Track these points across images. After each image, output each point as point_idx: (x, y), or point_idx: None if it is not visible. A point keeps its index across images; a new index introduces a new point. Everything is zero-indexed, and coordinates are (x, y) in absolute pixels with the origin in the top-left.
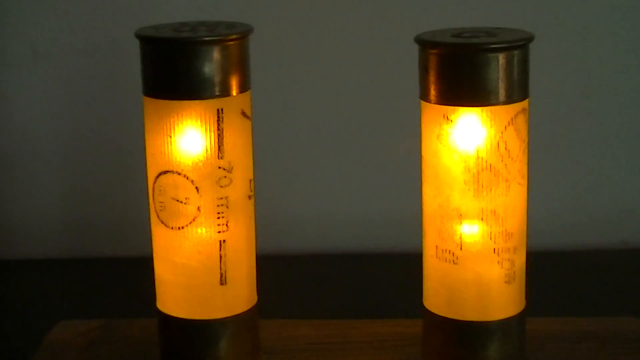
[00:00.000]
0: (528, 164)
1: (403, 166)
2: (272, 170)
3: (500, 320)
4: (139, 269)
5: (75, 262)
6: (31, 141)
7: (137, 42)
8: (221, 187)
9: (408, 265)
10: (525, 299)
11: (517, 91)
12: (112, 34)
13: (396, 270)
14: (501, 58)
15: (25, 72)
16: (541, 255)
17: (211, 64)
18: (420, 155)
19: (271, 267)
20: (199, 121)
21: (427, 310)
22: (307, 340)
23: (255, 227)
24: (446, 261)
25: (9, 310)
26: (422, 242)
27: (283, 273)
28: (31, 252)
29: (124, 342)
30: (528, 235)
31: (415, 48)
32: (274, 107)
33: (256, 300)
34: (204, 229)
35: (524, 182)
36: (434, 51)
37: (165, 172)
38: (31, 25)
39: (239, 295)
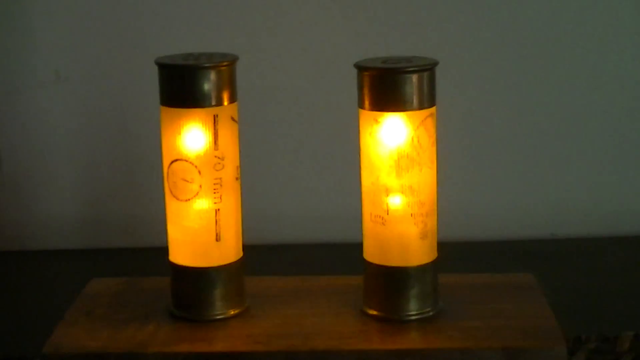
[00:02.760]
0: (437, 155)
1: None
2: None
3: (417, 265)
4: (147, 258)
5: (89, 252)
6: (53, 150)
7: (146, 66)
8: (216, 170)
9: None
10: (438, 252)
11: (426, 101)
12: (125, 60)
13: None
14: (414, 78)
15: (49, 93)
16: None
17: (209, 83)
18: (359, 148)
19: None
20: (201, 123)
21: (365, 260)
22: (279, 288)
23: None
24: (377, 223)
25: (30, 292)
26: (361, 210)
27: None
28: (51, 244)
29: (143, 291)
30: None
31: (354, 71)
32: (255, 114)
33: (242, 254)
34: (204, 201)
35: (433, 166)
36: (367, 73)
37: (176, 160)
38: (54, 52)
39: (229, 250)
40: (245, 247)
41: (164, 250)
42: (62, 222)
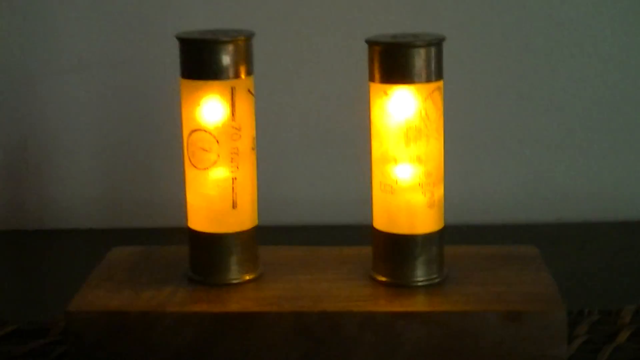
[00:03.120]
0: (444, 130)
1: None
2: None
3: (424, 233)
4: (164, 237)
5: (108, 231)
6: (74, 134)
7: (166, 53)
8: (233, 140)
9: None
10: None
11: (434, 74)
12: (146, 45)
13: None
14: (422, 51)
15: (70, 79)
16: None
17: (227, 57)
18: (370, 120)
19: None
20: (219, 95)
21: (375, 228)
22: (292, 257)
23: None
24: (386, 192)
25: (52, 266)
26: (371, 181)
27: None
28: (71, 223)
29: (162, 259)
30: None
31: (365, 46)
32: (270, 87)
33: (256, 222)
34: (221, 170)
35: (440, 137)
36: (377, 47)
37: (196, 130)
38: (77, 39)
39: (244, 217)
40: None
41: (180, 230)
42: (82, 203)
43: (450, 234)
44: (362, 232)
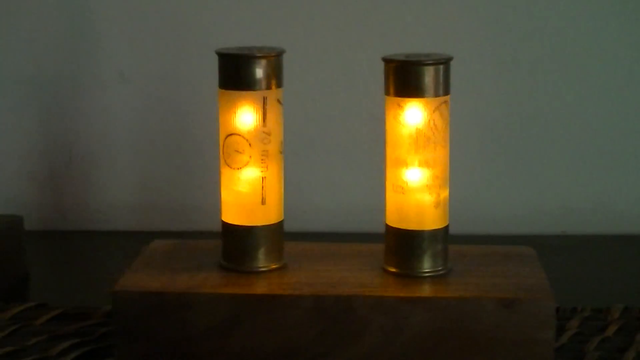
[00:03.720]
0: (451, 142)
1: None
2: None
3: (431, 230)
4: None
5: (145, 233)
6: (116, 143)
7: (198, 69)
8: (264, 144)
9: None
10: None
11: (442, 90)
12: (180, 60)
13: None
14: (432, 69)
15: (113, 92)
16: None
17: (260, 70)
18: (385, 129)
19: None
20: (252, 104)
21: (387, 224)
22: (312, 251)
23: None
24: (398, 192)
25: (94, 263)
26: (384, 182)
27: None
28: (112, 225)
29: (197, 249)
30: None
31: (381, 63)
32: (297, 98)
33: (282, 217)
34: (252, 169)
35: (447, 145)
36: (392, 65)
37: (231, 134)
38: (119, 54)
39: (272, 212)
40: None
41: (210, 234)
42: (122, 207)
43: (455, 240)
44: (375, 238)
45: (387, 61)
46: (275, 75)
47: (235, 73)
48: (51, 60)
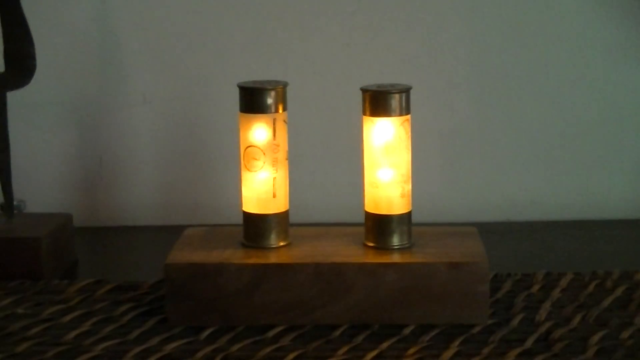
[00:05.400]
0: (412, 146)
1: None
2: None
3: (398, 214)
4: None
5: (167, 227)
6: (140, 155)
7: (214, 90)
8: (274, 153)
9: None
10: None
11: (404, 110)
12: (199, 84)
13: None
14: (397, 96)
15: (137, 112)
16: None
17: (270, 99)
18: (362, 142)
19: None
20: (265, 123)
21: (366, 211)
22: (310, 232)
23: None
24: (373, 187)
25: (124, 255)
26: (363, 179)
27: None
28: (137, 222)
29: (223, 233)
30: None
31: (359, 92)
32: (298, 119)
33: (288, 207)
34: (266, 172)
35: (409, 151)
36: (368, 93)
37: (249, 146)
38: (141, 77)
39: (280, 203)
40: None
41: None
42: (146, 207)
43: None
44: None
45: (364, 90)
46: (282, 102)
47: (252, 101)
48: (85, 85)
